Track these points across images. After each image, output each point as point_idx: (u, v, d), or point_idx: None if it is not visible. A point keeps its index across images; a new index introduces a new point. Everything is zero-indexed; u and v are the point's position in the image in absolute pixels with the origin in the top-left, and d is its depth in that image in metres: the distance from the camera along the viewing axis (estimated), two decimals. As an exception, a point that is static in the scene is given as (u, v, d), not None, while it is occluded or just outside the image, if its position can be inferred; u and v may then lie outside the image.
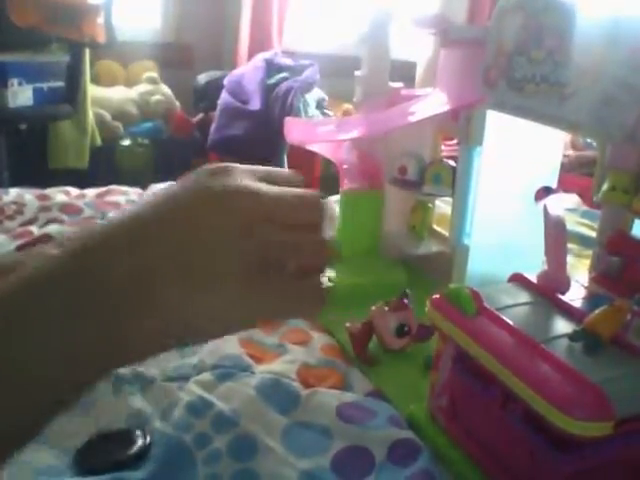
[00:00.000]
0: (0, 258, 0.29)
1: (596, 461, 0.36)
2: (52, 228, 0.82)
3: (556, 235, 0.47)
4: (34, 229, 0.83)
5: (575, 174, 1.82)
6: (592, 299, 0.46)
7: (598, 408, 0.34)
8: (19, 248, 0.73)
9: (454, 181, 0.69)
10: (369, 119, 0.75)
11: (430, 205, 0.82)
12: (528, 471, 0.38)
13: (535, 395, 0.35)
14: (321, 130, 0.76)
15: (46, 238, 0.77)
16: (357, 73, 0.81)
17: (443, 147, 0.82)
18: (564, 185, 0.60)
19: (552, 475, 0.36)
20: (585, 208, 1.07)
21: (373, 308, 0.59)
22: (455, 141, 0.84)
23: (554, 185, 0.61)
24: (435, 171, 0.73)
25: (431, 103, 0.69)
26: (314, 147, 0.80)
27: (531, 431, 0.37)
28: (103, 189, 1.02)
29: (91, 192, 1.01)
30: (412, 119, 0.68)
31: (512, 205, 0.64)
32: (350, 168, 0.80)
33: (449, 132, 0.79)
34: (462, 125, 0.66)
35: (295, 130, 0.78)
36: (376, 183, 0.80)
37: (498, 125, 0.62)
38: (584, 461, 0.36)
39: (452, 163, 0.73)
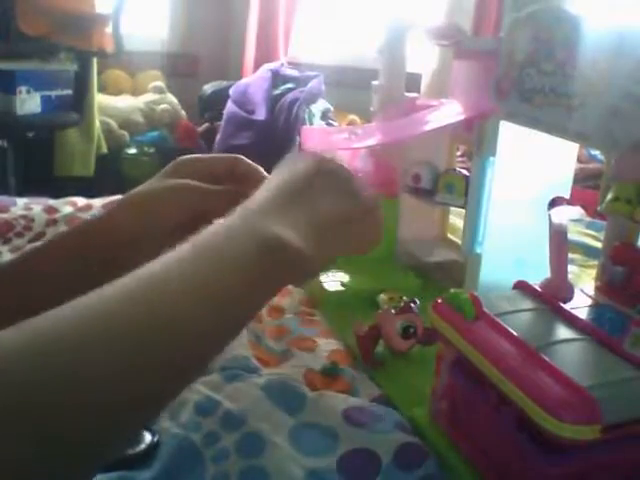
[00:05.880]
0: None
1: (584, 465, 0.36)
2: None
3: (558, 243, 0.48)
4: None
5: (579, 187, 1.81)
6: (596, 308, 0.47)
7: (586, 412, 0.34)
8: None
9: (467, 190, 0.69)
10: (385, 127, 0.75)
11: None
12: (518, 473, 0.39)
13: (525, 397, 0.36)
14: (337, 138, 0.76)
15: None
16: (374, 83, 0.82)
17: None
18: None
19: (541, 478, 0.37)
20: (590, 219, 1.07)
21: (379, 311, 0.60)
22: (459, 153, 0.84)
23: (567, 195, 0.61)
24: (448, 180, 0.74)
25: (446, 113, 0.70)
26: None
27: (521, 434, 0.37)
28: (109, 199, 1.00)
29: (97, 203, 0.99)
30: (426, 128, 0.68)
31: (524, 214, 0.64)
32: (366, 176, 0.80)
33: (463, 142, 0.79)
34: (475, 135, 0.66)
35: (311, 138, 0.79)
36: (392, 191, 0.80)
37: (511, 136, 0.62)
38: (572, 465, 0.36)
39: (465, 172, 0.73)
